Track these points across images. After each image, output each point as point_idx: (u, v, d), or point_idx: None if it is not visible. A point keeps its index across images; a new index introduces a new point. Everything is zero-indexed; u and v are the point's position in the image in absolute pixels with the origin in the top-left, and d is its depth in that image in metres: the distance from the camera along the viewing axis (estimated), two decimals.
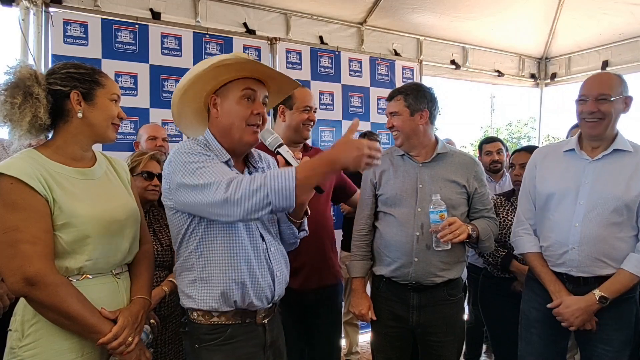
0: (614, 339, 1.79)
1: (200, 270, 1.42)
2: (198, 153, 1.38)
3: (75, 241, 1.31)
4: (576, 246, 1.82)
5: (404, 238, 1.95)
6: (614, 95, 1.79)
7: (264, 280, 1.47)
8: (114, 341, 1.31)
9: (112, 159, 1.58)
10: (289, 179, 1.24)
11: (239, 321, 1.44)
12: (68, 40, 2.90)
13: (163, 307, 1.97)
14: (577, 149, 1.90)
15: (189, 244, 1.43)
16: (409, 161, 2.05)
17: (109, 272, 1.41)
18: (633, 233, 1.79)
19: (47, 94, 1.34)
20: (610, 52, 4.59)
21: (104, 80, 1.43)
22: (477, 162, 2.09)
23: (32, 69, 1.34)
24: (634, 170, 1.78)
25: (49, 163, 1.33)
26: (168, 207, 1.45)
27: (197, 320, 1.43)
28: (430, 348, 2.00)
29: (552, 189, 1.92)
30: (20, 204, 1.24)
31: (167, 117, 3.21)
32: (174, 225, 1.45)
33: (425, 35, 4.45)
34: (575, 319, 1.79)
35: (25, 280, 1.21)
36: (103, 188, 1.44)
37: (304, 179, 1.25)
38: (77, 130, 1.39)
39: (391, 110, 2.03)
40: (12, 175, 1.23)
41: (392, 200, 2.01)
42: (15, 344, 1.29)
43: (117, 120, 1.46)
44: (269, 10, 3.71)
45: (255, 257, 1.45)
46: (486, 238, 1.97)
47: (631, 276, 1.75)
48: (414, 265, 1.93)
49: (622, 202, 1.76)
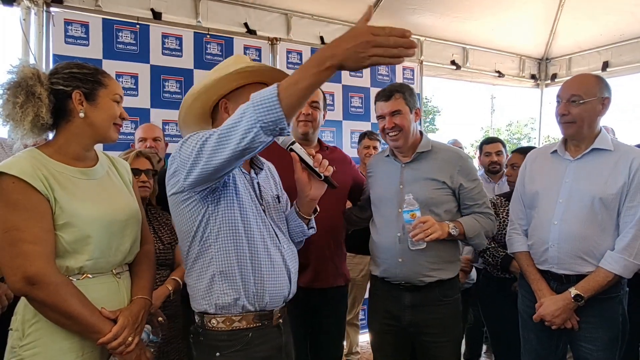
0: (598, 338, 1.81)
1: (221, 263, 1.36)
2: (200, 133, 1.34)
3: (76, 241, 1.31)
4: (555, 244, 1.85)
5: (387, 239, 1.96)
6: (587, 97, 1.81)
7: (282, 277, 1.45)
8: (114, 341, 1.30)
9: (114, 158, 1.58)
10: (270, 89, 1.08)
11: (258, 324, 1.40)
12: (69, 40, 2.91)
13: (167, 306, 1.97)
14: (560, 150, 1.94)
15: (205, 236, 1.36)
16: (393, 162, 2.06)
17: (109, 272, 1.41)
18: (616, 231, 1.80)
19: (50, 93, 1.33)
20: (610, 52, 4.59)
21: (107, 80, 1.43)
22: (463, 157, 2.02)
23: (35, 69, 1.33)
24: (613, 168, 1.80)
25: (50, 162, 1.33)
26: (179, 200, 1.36)
27: (216, 327, 1.37)
28: (425, 348, 2.00)
29: (537, 188, 1.98)
30: (22, 203, 1.24)
31: (168, 117, 3.22)
32: (186, 218, 1.37)
33: (425, 35, 4.45)
34: (555, 318, 1.81)
35: (26, 279, 1.21)
36: (104, 188, 1.44)
37: (287, 84, 1.08)
38: (79, 130, 1.38)
39: (393, 109, 1.94)
40: (13, 174, 1.23)
41: (377, 201, 2.05)
42: (15, 344, 1.29)
43: (119, 121, 1.46)
44: (270, 10, 3.72)
45: (274, 252, 1.44)
46: (474, 235, 1.91)
47: (606, 273, 1.75)
48: (400, 266, 1.94)
49: (599, 199, 1.78)
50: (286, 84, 1.08)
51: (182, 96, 3.24)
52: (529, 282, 1.96)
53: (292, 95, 1.07)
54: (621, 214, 1.78)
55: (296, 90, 1.06)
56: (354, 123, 4.01)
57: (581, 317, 1.82)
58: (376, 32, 0.99)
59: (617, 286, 1.82)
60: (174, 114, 3.20)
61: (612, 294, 1.81)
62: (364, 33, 1.00)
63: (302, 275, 2.06)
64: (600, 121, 1.89)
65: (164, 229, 2.13)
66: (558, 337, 1.94)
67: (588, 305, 1.79)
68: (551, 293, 1.87)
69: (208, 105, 1.52)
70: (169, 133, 3.11)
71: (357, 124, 4.02)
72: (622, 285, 1.86)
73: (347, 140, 3.99)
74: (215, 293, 1.36)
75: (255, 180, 1.52)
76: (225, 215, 1.36)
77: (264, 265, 1.40)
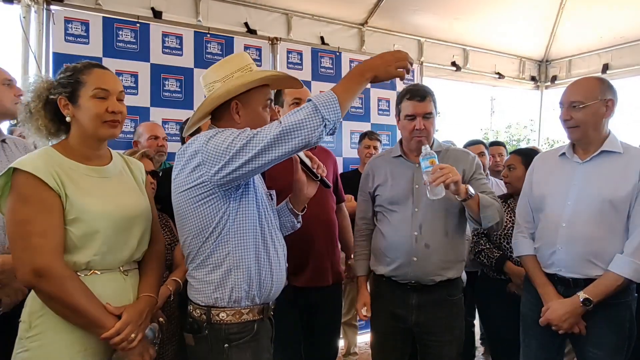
0: (605, 343, 1.79)
1: (238, 258, 1.40)
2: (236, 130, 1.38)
3: (85, 236, 1.34)
4: (563, 246, 1.83)
5: (403, 238, 1.96)
6: (588, 100, 1.80)
7: (283, 271, 1.54)
8: (117, 336, 1.32)
9: (129, 159, 1.62)
10: (329, 94, 1.29)
11: (260, 316, 1.47)
12: (69, 39, 2.90)
13: (164, 308, 1.97)
14: (569, 153, 1.93)
15: (225, 231, 1.39)
16: (406, 162, 2.06)
17: (116, 269, 1.43)
18: (626, 234, 1.78)
19: (45, 104, 1.41)
20: (610, 55, 4.59)
21: (86, 77, 1.40)
22: (471, 154, 2.08)
23: (37, 86, 1.42)
24: (622, 171, 1.78)
25: (63, 160, 1.38)
26: (197, 196, 1.37)
27: (224, 320, 1.41)
28: (428, 348, 2.00)
29: (545, 191, 1.96)
30: (33, 198, 1.29)
31: (168, 116, 3.22)
32: (204, 214, 1.39)
33: (426, 36, 4.45)
34: (562, 323, 1.79)
35: (33, 271, 1.25)
36: (116, 186, 1.47)
37: (340, 91, 1.31)
38: (77, 132, 1.43)
39: (427, 110, 1.95)
40: (27, 170, 1.29)
41: (389, 201, 2.03)
42: (23, 335, 1.33)
43: (109, 116, 1.40)
44: (270, 10, 3.72)
45: (279, 247, 1.52)
46: (488, 205, 1.86)
47: (615, 277, 1.72)
48: (413, 265, 1.94)
49: (608, 202, 1.76)
50: (339, 90, 1.30)
51: (182, 95, 3.27)
52: (535, 285, 1.93)
53: (346, 99, 1.31)
54: (631, 216, 1.76)
55: (348, 96, 1.32)
56: (354, 123, 4.00)
57: (588, 322, 1.80)
58: (396, 55, 1.40)
59: (627, 292, 1.80)
60: (174, 112, 3.23)
61: (620, 299, 1.79)
62: (390, 58, 1.39)
63: (301, 275, 2.07)
64: (607, 123, 1.87)
65: (163, 230, 2.12)
66: (560, 343, 1.93)
67: (596, 309, 1.75)
68: (558, 297, 1.84)
69: (216, 104, 1.52)
70: (168, 132, 3.10)
71: (357, 124, 4.01)
72: (631, 291, 1.83)
73: (347, 141, 3.99)
74: (229, 286, 1.41)
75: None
76: (247, 211, 1.43)
77: (274, 261, 1.48)
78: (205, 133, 1.39)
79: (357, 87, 1.34)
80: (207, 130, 1.42)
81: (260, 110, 1.51)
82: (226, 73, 1.48)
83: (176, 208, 1.46)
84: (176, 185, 1.43)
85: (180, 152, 1.45)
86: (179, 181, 1.42)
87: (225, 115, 1.50)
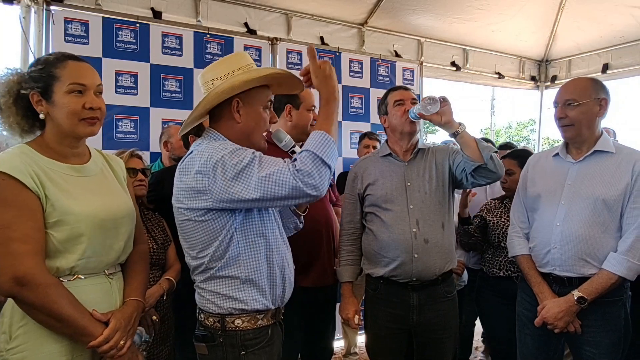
0: (600, 342, 1.80)
1: (251, 269, 1.39)
2: (240, 149, 1.35)
3: (68, 239, 1.26)
4: (557, 245, 1.85)
5: (401, 236, 1.95)
6: (581, 99, 1.82)
7: (293, 275, 1.54)
8: (105, 344, 1.26)
9: (108, 156, 1.53)
10: (324, 135, 1.33)
11: (272, 321, 1.47)
12: (69, 39, 2.90)
13: (158, 307, 1.96)
14: (563, 153, 1.95)
15: (234, 244, 1.37)
16: (395, 161, 2.08)
17: (101, 273, 1.36)
18: (619, 233, 1.79)
19: (15, 99, 1.29)
20: (610, 55, 4.59)
21: (60, 70, 1.28)
22: (450, 145, 2.16)
23: (7, 80, 1.30)
24: (615, 170, 1.81)
25: (41, 159, 1.28)
26: (202, 215, 1.34)
27: (240, 327, 1.39)
28: (426, 345, 2.01)
29: (538, 191, 1.98)
30: (12, 201, 1.19)
31: (167, 116, 3.22)
32: (211, 230, 1.36)
33: (425, 36, 4.45)
34: (557, 321, 1.80)
35: (15, 280, 1.16)
36: (98, 185, 1.38)
37: (330, 130, 1.36)
38: (53, 130, 1.32)
39: (413, 97, 2.10)
40: (3, 171, 1.19)
41: (382, 201, 2.02)
42: (2, 347, 1.25)
43: (87, 113, 1.30)
44: (270, 10, 3.72)
45: (287, 252, 1.53)
46: (475, 138, 1.91)
47: (609, 275, 1.74)
48: (415, 262, 1.94)
49: (601, 201, 1.78)
50: (328, 130, 1.36)
51: (182, 95, 3.27)
52: (530, 285, 1.95)
53: (334, 130, 1.39)
54: (624, 215, 1.78)
55: (334, 127, 1.40)
56: (353, 124, 4.00)
57: (584, 321, 1.81)
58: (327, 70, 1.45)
59: (621, 290, 1.82)
60: (174, 113, 3.23)
61: (615, 297, 1.80)
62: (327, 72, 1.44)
63: (307, 275, 2.07)
64: (600, 123, 1.90)
65: (156, 230, 2.12)
66: (556, 341, 1.93)
67: (591, 308, 1.78)
68: (553, 296, 1.86)
69: (219, 100, 1.47)
70: None
71: (356, 124, 4.01)
72: (625, 289, 1.85)
73: (347, 141, 3.99)
74: (244, 296, 1.40)
75: None
76: (253, 218, 1.41)
77: (284, 263, 1.49)
78: (210, 153, 1.31)
79: (336, 112, 1.42)
80: (210, 146, 1.35)
81: (261, 110, 1.48)
82: (227, 71, 1.42)
83: (179, 220, 1.42)
84: (179, 198, 1.38)
85: (184, 166, 1.39)
86: (182, 196, 1.37)
87: (225, 115, 1.46)
